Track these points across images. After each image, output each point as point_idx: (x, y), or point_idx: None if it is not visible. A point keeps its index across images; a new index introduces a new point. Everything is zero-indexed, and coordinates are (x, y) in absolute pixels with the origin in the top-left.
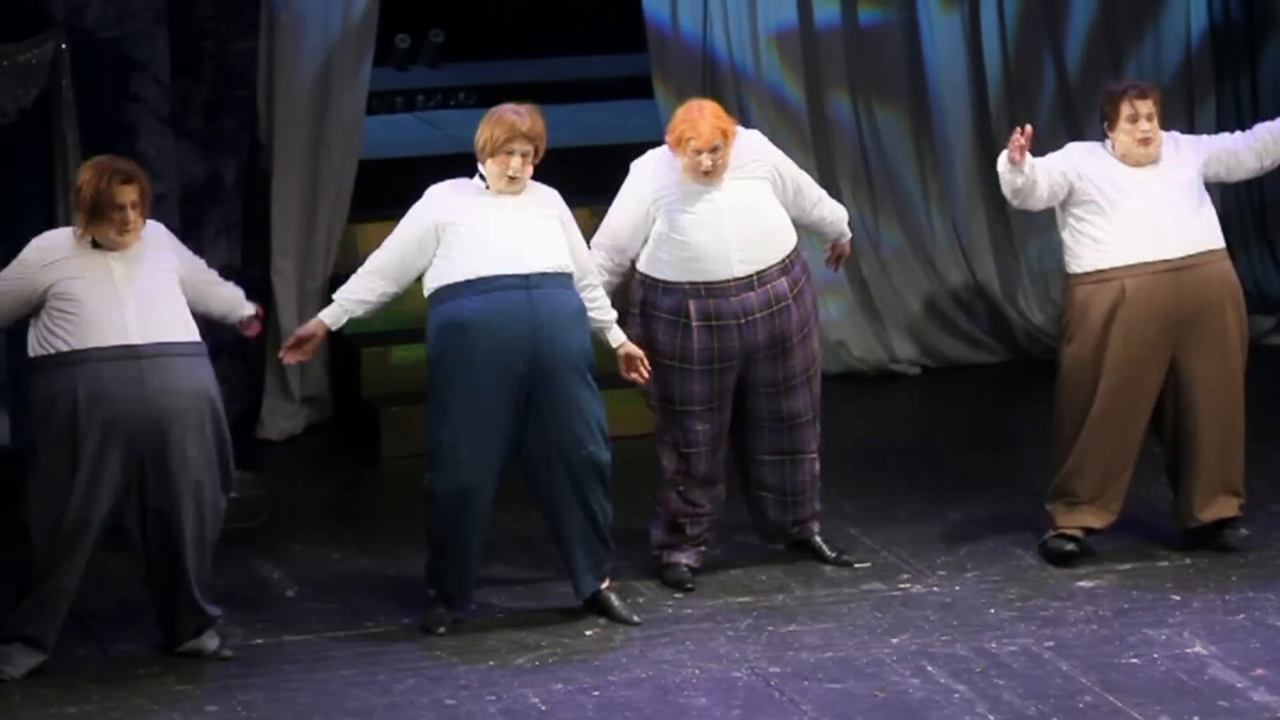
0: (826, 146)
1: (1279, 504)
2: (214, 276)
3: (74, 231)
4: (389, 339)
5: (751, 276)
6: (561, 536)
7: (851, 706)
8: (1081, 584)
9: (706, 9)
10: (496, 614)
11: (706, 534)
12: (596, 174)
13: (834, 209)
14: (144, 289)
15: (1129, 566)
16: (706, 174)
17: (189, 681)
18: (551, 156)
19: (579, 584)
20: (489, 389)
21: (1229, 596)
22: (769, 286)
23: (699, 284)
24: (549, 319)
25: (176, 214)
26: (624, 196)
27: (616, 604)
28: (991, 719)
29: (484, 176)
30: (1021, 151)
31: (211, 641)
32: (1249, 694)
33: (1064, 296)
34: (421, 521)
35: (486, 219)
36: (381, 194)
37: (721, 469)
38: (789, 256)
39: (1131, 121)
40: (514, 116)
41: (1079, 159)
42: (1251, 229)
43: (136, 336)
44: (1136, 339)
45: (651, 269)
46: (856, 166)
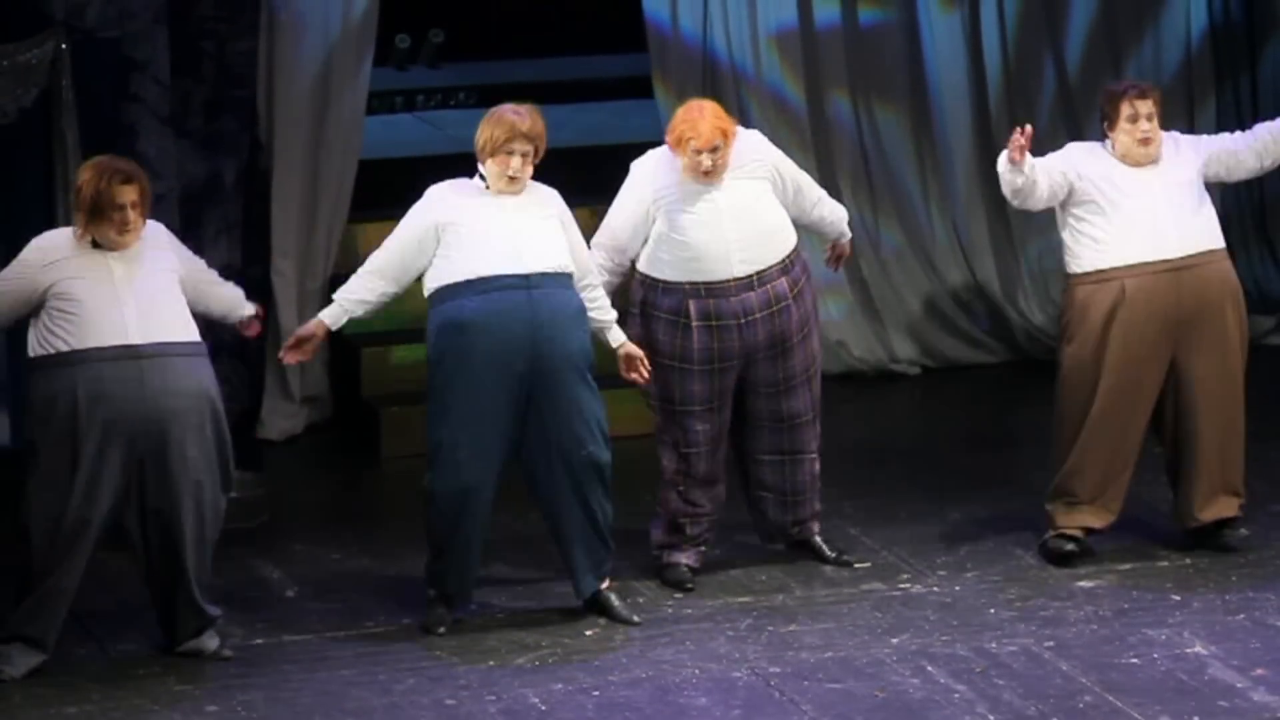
0: (826, 146)
1: (1279, 504)
2: (214, 276)
3: (74, 231)
4: (389, 339)
5: (751, 276)
6: (561, 536)
7: (851, 706)
8: (1081, 584)
9: (706, 9)
10: (496, 614)
11: (706, 534)
12: (596, 174)
13: (834, 209)
14: (144, 289)
15: (1129, 566)
16: (706, 174)
17: (189, 681)
18: (551, 156)
19: (579, 584)
20: (489, 389)
21: (1229, 596)
22: (769, 286)
23: (699, 284)
24: (549, 319)
25: (176, 214)
26: (624, 196)
27: (616, 604)
28: (991, 719)
29: (484, 176)
30: (1021, 151)
31: (211, 641)
32: (1249, 694)
33: (1064, 296)
34: (421, 521)
35: (486, 219)
36: (381, 194)
37: (721, 469)
38: (789, 256)
39: (1131, 121)
40: (514, 116)
41: (1079, 159)
42: (1251, 229)
43: (136, 336)
44: (1136, 339)
45: (651, 269)
46: (856, 166)
